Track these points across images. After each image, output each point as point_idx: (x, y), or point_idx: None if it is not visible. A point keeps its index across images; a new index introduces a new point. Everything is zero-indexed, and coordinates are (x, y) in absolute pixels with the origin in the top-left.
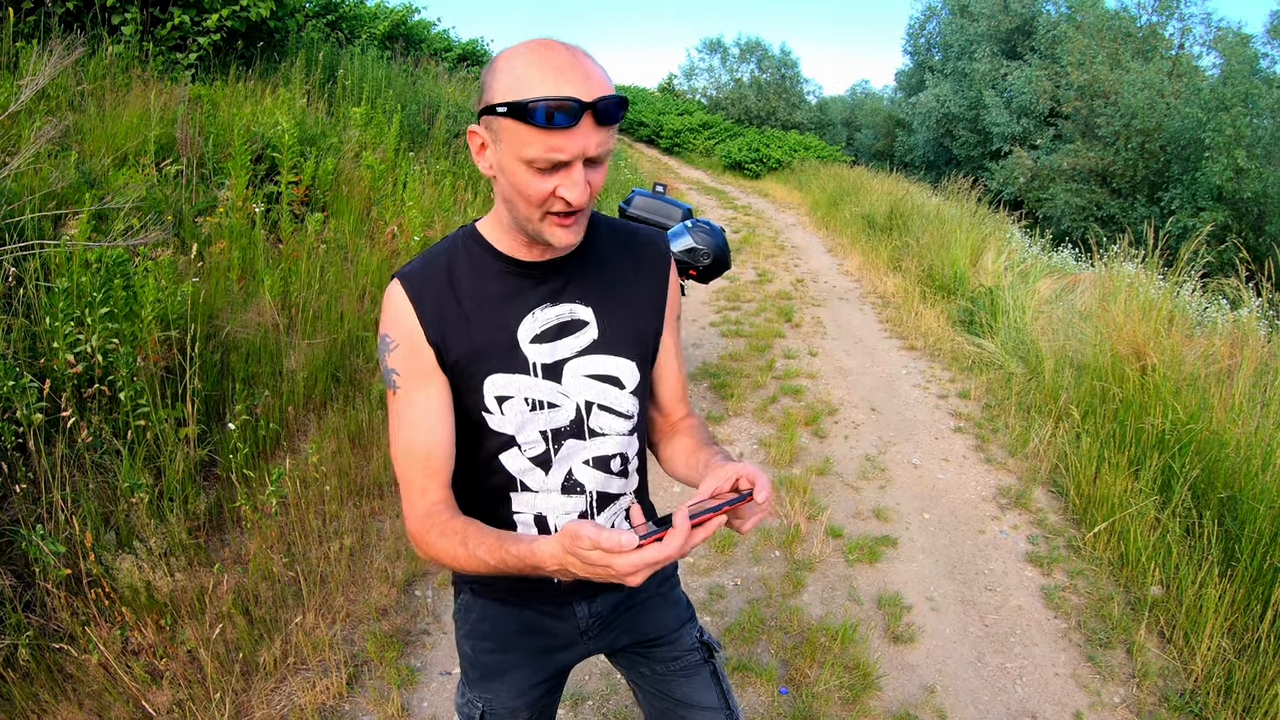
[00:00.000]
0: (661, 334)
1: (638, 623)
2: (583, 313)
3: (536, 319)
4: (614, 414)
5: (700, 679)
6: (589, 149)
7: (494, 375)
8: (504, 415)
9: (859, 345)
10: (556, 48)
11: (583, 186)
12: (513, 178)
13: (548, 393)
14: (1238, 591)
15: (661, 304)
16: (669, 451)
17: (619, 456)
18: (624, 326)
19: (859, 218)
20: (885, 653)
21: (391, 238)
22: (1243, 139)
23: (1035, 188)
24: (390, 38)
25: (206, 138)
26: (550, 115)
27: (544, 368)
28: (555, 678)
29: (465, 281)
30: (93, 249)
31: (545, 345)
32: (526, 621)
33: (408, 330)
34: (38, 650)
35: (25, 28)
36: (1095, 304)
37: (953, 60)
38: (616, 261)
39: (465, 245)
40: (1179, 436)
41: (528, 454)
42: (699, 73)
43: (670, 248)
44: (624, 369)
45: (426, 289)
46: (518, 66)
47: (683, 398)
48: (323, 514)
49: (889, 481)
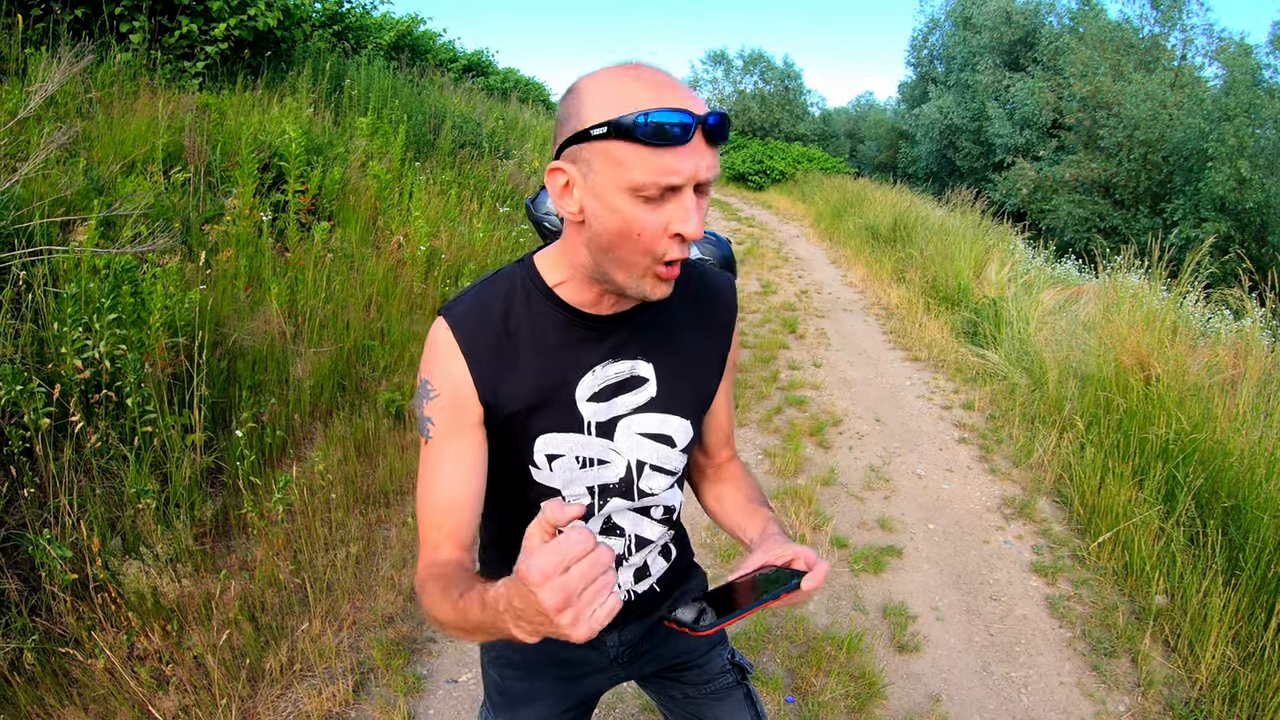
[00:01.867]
0: (719, 388)
1: (666, 648)
2: (644, 369)
3: (596, 376)
4: (664, 473)
5: (733, 701)
6: (701, 172)
7: (547, 434)
8: (552, 472)
9: (863, 356)
10: (645, 68)
11: (699, 213)
12: (615, 217)
13: (599, 450)
14: (1242, 600)
15: (724, 359)
16: (713, 496)
17: (661, 507)
18: (683, 384)
19: (863, 229)
20: (890, 662)
21: (397, 247)
22: (1245, 149)
23: (1038, 199)
24: (396, 48)
25: (214, 146)
26: (662, 129)
27: (598, 426)
28: (583, 705)
29: (523, 330)
30: (101, 255)
31: (602, 404)
32: (555, 650)
33: (454, 382)
34: (43, 654)
35: (34, 35)
36: (1099, 315)
37: (955, 72)
38: (683, 315)
39: (525, 288)
40: (1183, 446)
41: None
42: (703, 84)
43: (736, 297)
44: (678, 428)
45: (479, 336)
46: (610, 87)
47: (728, 441)
48: (329, 521)
49: (893, 492)
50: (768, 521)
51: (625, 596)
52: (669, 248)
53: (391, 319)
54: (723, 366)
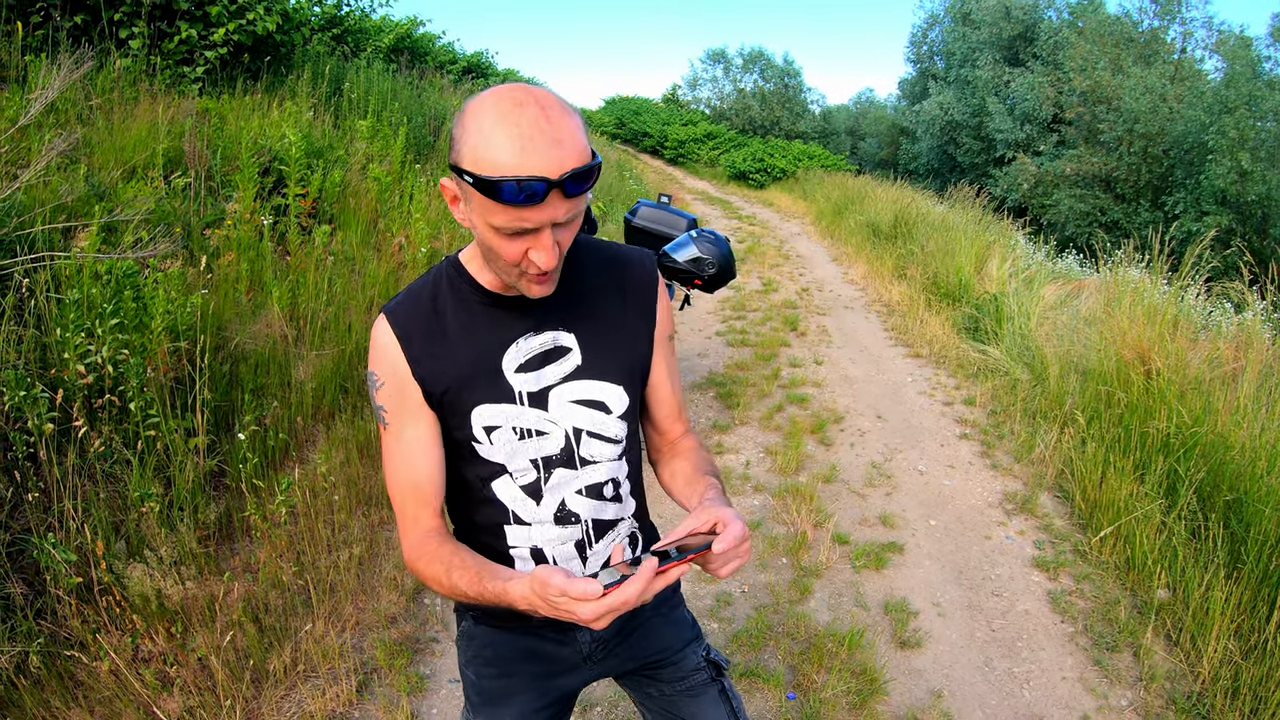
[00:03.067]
0: (651, 356)
1: (641, 645)
2: (565, 339)
3: (520, 349)
4: (603, 440)
5: (707, 698)
6: (557, 216)
7: (481, 406)
8: (493, 445)
9: (864, 353)
10: (526, 105)
11: (551, 251)
12: (484, 238)
13: (535, 420)
14: (1244, 593)
15: (650, 326)
16: (669, 473)
17: (610, 483)
18: (608, 351)
19: (864, 226)
20: (892, 658)
21: (399, 249)
22: (1246, 142)
23: (1039, 194)
24: (396, 51)
25: (214, 151)
26: (516, 194)
27: (530, 396)
28: (560, 703)
29: (449, 314)
30: (103, 261)
31: (530, 374)
32: (528, 647)
33: (393, 367)
34: (49, 658)
35: (34, 42)
36: (1100, 309)
37: (956, 68)
38: (601, 286)
39: (449, 277)
40: (1184, 440)
41: (519, 481)
42: (703, 83)
43: (656, 267)
44: (610, 393)
45: (412, 324)
46: (486, 126)
47: (679, 415)
48: (332, 523)
49: (895, 488)
50: (707, 488)
51: None
52: (529, 267)
53: None
54: (651, 331)
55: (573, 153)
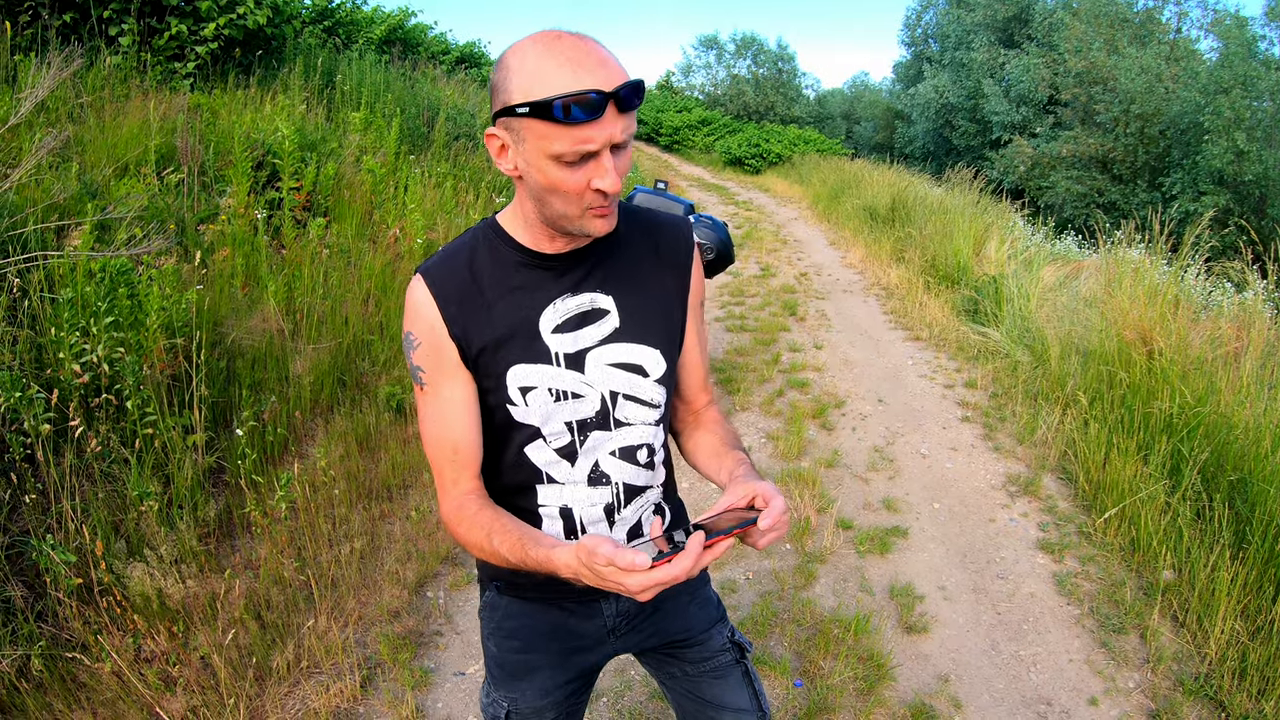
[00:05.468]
0: (686, 321)
1: (666, 623)
2: (604, 301)
3: (557, 309)
4: (640, 403)
5: (731, 680)
6: (615, 136)
7: (516, 366)
8: (528, 407)
9: (864, 337)
10: (565, 37)
11: (615, 174)
12: (543, 176)
13: (572, 383)
14: (1250, 574)
15: (685, 291)
16: (692, 443)
17: (645, 447)
18: (646, 314)
19: (861, 210)
20: (899, 643)
21: (394, 241)
22: (1242, 122)
23: (1036, 176)
24: (388, 42)
25: (207, 146)
26: (574, 110)
27: (566, 357)
28: (582, 678)
29: (486, 274)
30: (96, 259)
31: (567, 335)
32: (552, 620)
33: (430, 326)
34: (50, 660)
35: (23, 41)
36: (1100, 290)
37: (950, 51)
38: (638, 249)
39: (486, 238)
40: (1187, 420)
41: (553, 445)
42: (696, 70)
43: (691, 232)
44: (648, 357)
45: (449, 283)
46: (530, 62)
47: (705, 386)
48: (332, 518)
49: (898, 472)
50: (737, 464)
51: None
52: (594, 199)
53: (390, 313)
54: (685, 296)
55: (618, 71)
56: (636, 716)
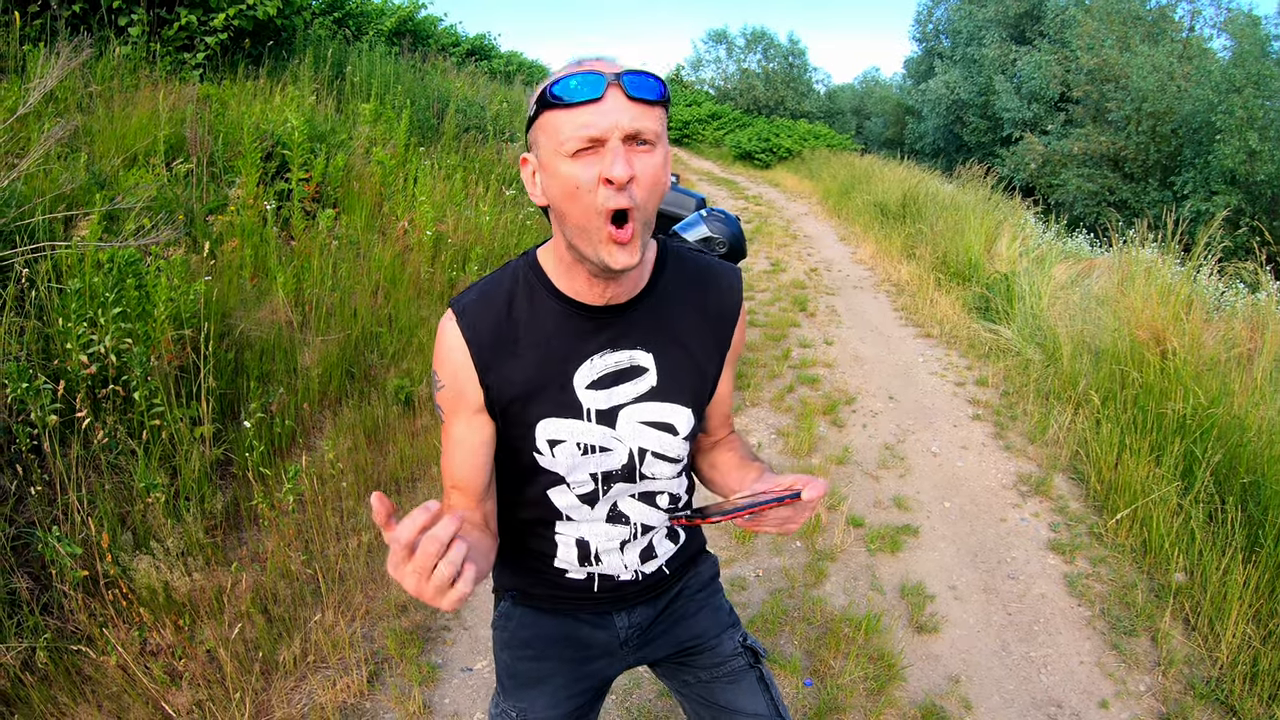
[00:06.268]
0: (721, 375)
1: (677, 631)
2: (643, 359)
3: (594, 365)
4: (666, 460)
5: (745, 685)
6: (622, 123)
7: (546, 420)
8: (554, 458)
9: (875, 333)
10: (586, 59)
11: (624, 162)
12: (558, 180)
13: (601, 438)
14: (1262, 577)
15: (725, 347)
16: (708, 463)
17: (666, 495)
18: (684, 374)
19: (871, 206)
20: (909, 643)
21: (403, 233)
22: (1255, 121)
23: (1047, 173)
24: (398, 33)
25: (216, 137)
26: (571, 87)
27: (599, 413)
28: (594, 689)
29: (524, 321)
30: (104, 249)
31: (602, 391)
32: (565, 630)
33: (455, 373)
34: (56, 653)
35: (32, 31)
36: (1112, 289)
37: (962, 46)
38: (683, 304)
39: (526, 280)
40: (1200, 421)
41: (576, 491)
42: (706, 64)
43: (741, 286)
44: (680, 416)
45: (483, 326)
46: (551, 74)
47: (728, 421)
48: (340, 511)
49: (908, 470)
50: (763, 469)
51: (631, 577)
52: (606, 197)
53: (399, 305)
54: (723, 354)
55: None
56: (645, 715)
